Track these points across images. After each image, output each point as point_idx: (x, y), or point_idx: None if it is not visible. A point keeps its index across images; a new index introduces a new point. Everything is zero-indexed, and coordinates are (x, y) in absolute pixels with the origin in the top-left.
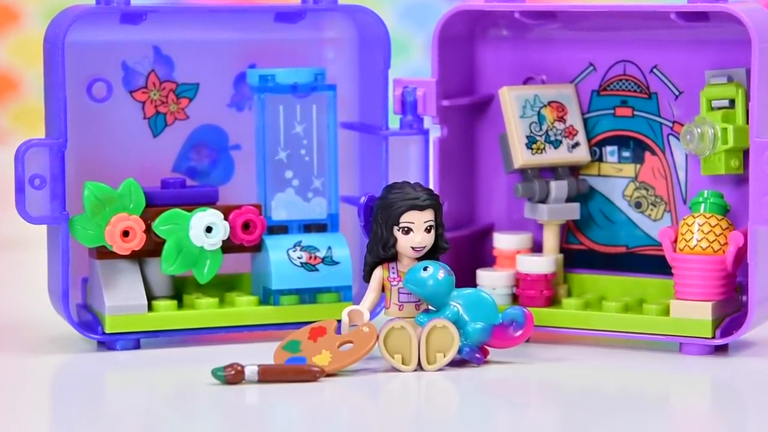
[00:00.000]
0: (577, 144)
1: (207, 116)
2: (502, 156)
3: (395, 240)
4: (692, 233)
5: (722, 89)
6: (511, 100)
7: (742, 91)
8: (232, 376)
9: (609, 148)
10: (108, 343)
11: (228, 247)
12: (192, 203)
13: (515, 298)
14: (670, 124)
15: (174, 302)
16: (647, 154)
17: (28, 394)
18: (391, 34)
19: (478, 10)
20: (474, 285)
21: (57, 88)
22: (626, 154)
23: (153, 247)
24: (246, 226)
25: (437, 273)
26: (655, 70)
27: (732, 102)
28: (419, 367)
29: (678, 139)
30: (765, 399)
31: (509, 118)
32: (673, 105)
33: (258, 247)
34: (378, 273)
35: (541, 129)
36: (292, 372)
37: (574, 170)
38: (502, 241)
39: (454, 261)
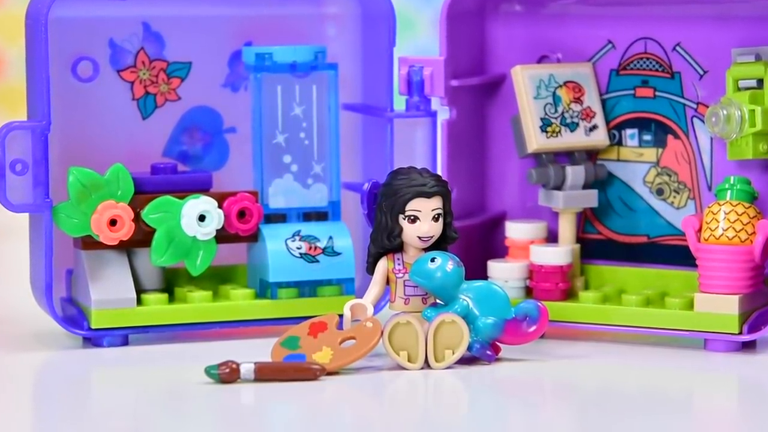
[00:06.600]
0: (594, 127)
1: (200, 97)
2: (514, 140)
3: (401, 229)
4: (718, 222)
5: (750, 68)
6: (524, 79)
7: None
8: (227, 374)
9: (629, 131)
10: (94, 339)
11: (222, 236)
12: (184, 190)
13: (529, 291)
14: (694, 106)
15: (165, 296)
16: (670, 137)
17: (9, 394)
18: (397, 9)
19: None
20: (485, 277)
21: (40, 68)
22: (647, 137)
23: (142, 237)
24: (241, 214)
25: (445, 264)
26: (678, 48)
27: (760, 82)
28: (426, 364)
29: (702, 121)
30: None
31: (522, 99)
32: (697, 85)
33: (254, 237)
34: (382, 264)
35: (556, 111)
36: (290, 370)
37: (591, 155)
38: (515, 231)
39: (463, 251)
